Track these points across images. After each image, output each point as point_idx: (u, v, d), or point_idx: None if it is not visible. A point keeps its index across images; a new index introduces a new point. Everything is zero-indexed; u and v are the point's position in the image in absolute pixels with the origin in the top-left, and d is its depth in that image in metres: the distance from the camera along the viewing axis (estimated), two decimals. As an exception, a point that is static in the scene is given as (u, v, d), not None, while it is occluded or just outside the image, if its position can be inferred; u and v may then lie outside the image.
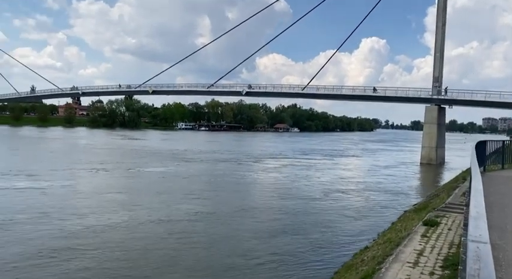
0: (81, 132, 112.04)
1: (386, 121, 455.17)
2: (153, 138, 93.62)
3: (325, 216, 20.03)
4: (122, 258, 12.88)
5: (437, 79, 57.65)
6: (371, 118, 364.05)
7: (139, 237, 15.25)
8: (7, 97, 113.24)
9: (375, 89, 65.11)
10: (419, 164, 53.78)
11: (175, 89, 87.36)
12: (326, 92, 69.16)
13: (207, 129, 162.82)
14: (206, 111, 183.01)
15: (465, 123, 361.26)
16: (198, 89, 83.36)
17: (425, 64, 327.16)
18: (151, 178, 31.22)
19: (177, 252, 13.76)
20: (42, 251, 13.11)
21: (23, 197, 21.39)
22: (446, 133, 62.59)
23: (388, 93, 63.18)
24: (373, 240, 14.46)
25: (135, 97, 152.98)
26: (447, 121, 71.33)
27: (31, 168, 32.40)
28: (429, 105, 57.63)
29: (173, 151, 56.38)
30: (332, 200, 24.20)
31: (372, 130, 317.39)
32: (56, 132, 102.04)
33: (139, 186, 27.25)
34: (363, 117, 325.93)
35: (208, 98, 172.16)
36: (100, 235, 15.18)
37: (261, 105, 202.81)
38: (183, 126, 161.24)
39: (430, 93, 57.86)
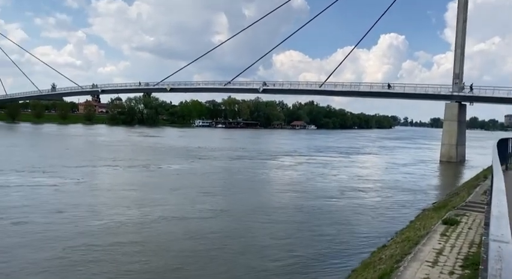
0: (101, 129, 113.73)
1: (405, 119, 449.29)
2: (170, 135, 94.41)
3: (341, 214, 19.92)
4: (136, 256, 12.92)
5: (458, 75, 56.58)
6: (389, 116, 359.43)
7: (153, 235, 15.31)
8: (29, 95, 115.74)
9: (389, 86, 64.32)
10: (438, 162, 52.97)
11: (192, 87, 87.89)
12: (344, 89, 68.57)
13: (223, 126, 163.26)
14: (223, 108, 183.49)
15: (486, 120, 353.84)
16: (215, 86, 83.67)
17: (446, 61, 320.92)
18: (167, 175, 31.45)
19: (193, 251, 13.79)
20: (57, 249, 13.16)
21: (37, 194, 21.62)
22: (466, 131, 61.50)
23: (407, 90, 62.28)
24: (391, 238, 14.33)
25: (153, 94, 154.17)
26: (468, 118, 70.05)
27: (45, 165, 32.80)
28: (449, 102, 56.62)
29: (189, 148, 56.74)
30: (349, 199, 24.02)
31: (390, 127, 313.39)
32: (76, 129, 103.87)
33: (154, 183, 27.32)
34: (381, 114, 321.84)
35: (225, 95, 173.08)
36: (113, 232, 15.28)
37: (277, 102, 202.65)
38: (200, 123, 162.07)
39: (450, 90, 56.83)
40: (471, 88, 56.24)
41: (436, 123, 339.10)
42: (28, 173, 28.27)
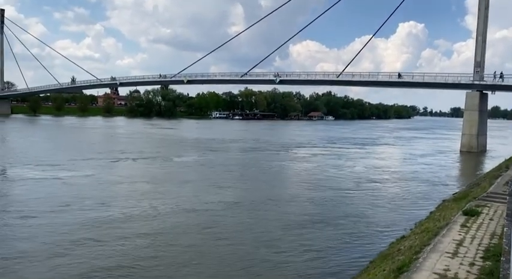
0: (119, 121, 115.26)
1: (425, 108, 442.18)
2: (186, 127, 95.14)
3: (358, 206, 19.74)
4: (147, 249, 12.89)
5: (479, 63, 55.21)
6: (408, 106, 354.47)
7: (165, 227, 15.27)
8: (49, 88, 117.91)
9: (399, 75, 63.33)
10: (459, 152, 52.08)
11: (209, 78, 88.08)
12: (362, 79, 67.71)
13: (240, 117, 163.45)
14: (240, 99, 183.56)
15: (509, 109, 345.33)
16: (231, 78, 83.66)
17: (466, 49, 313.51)
18: (177, 168, 31.23)
19: (205, 243, 13.85)
20: (65, 242, 13.27)
21: (44, 187, 21.76)
22: (488, 120, 60.17)
23: (427, 79, 61.14)
24: (410, 229, 14.19)
25: (171, 86, 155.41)
26: (489, 107, 68.41)
27: (57, 158, 33.00)
28: (470, 91, 55.41)
29: (203, 140, 56.84)
30: (365, 190, 23.78)
31: (409, 117, 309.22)
32: (94, 122, 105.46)
33: (162, 176, 26.83)
34: (399, 104, 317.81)
35: (242, 87, 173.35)
36: (123, 225, 15.28)
37: (294, 93, 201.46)
38: (217, 115, 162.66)
39: (471, 79, 55.57)
40: (501, 75, 54.47)
41: (456, 112, 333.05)
42: (38, 166, 28.30)
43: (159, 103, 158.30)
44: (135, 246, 13.10)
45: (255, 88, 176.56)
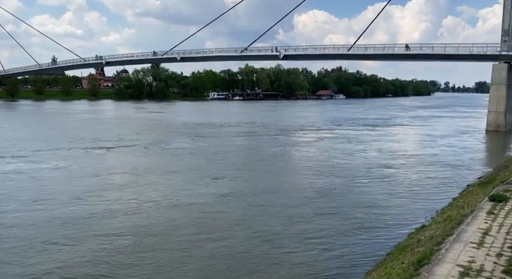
0: (105, 105, 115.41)
1: (446, 84, 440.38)
2: (179, 110, 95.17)
3: (370, 195, 19.75)
4: (125, 251, 12.65)
5: (508, 32, 54.64)
6: (428, 81, 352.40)
7: (148, 224, 15.10)
8: (28, 70, 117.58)
9: (407, 46, 62.89)
10: (484, 132, 51.98)
11: (205, 55, 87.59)
12: (375, 52, 67.22)
13: (241, 98, 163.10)
14: (240, 78, 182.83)
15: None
16: (229, 54, 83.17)
17: (493, 15, 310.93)
18: (166, 156, 31.01)
19: (193, 242, 13.84)
20: (25, 245, 13.15)
21: (4, 181, 21.52)
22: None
23: (448, 51, 60.61)
24: (431, 218, 14.26)
25: (162, 65, 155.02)
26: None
27: (23, 147, 32.57)
28: (497, 62, 54.95)
29: (193, 125, 56.42)
30: (378, 177, 23.71)
31: (429, 94, 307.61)
32: (78, 106, 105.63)
33: (148, 165, 26.51)
34: (418, 79, 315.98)
35: (242, 64, 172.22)
36: (98, 223, 15.04)
37: (300, 70, 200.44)
38: (215, 96, 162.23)
39: (499, 49, 55.04)
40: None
41: (481, 87, 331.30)
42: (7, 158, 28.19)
43: (150, 84, 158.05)
44: (111, 248, 12.82)
45: (257, 65, 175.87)
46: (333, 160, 29.61)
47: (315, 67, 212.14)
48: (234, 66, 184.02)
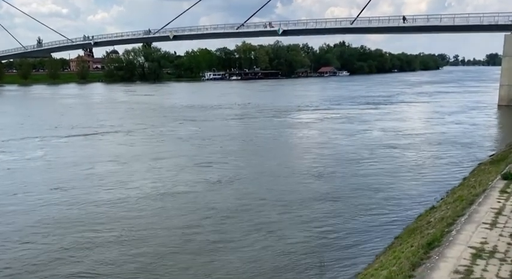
0: (93, 88, 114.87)
1: (456, 57, 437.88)
2: (171, 92, 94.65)
3: (375, 177, 19.68)
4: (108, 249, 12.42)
5: (520, 0, 54.02)
6: (436, 54, 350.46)
7: (133, 217, 15.20)
8: (12, 53, 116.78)
9: (404, 19, 62.51)
10: (496, 107, 51.81)
11: (199, 32, 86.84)
12: (380, 25, 66.63)
13: (239, 77, 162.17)
14: (237, 56, 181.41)
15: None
16: (225, 31, 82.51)
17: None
18: (155, 142, 30.15)
19: (186, 235, 13.95)
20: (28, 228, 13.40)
21: None
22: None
23: (457, 22, 60.05)
24: (441, 199, 14.33)
25: (155, 44, 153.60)
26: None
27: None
28: (510, 33, 54.50)
29: (186, 108, 55.62)
30: (383, 158, 23.59)
31: (437, 68, 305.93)
32: (64, 90, 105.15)
33: (135, 152, 26.12)
34: (425, 53, 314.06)
35: (239, 41, 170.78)
36: (77, 216, 14.97)
37: (301, 46, 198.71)
38: (211, 76, 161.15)
39: (511, 18, 54.54)
40: None
41: (493, 60, 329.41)
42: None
43: (142, 65, 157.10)
44: (91, 244, 12.66)
45: (255, 42, 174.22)
46: (334, 142, 29.34)
47: (316, 43, 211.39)
48: (231, 44, 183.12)
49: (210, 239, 12.73)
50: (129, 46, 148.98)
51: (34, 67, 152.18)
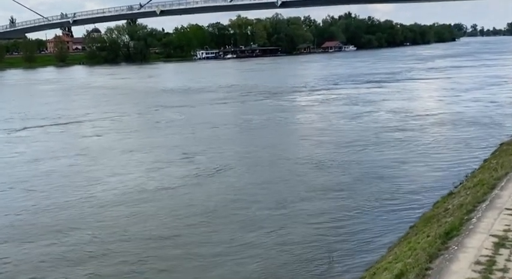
0: (74, 71, 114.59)
1: (474, 27, 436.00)
2: (153, 74, 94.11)
3: (386, 163, 19.67)
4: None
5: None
6: (452, 25, 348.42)
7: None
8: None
9: None
10: (519, 81, 51.64)
11: (189, 7, 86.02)
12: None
13: (234, 56, 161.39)
14: (232, 32, 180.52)
15: None
16: (218, 4, 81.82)
17: None
18: (128, 132, 29.83)
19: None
20: None
21: None
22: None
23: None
24: (460, 184, 14.35)
25: (140, 21, 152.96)
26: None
27: None
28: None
29: (163, 91, 55.67)
30: (393, 142, 23.52)
31: (453, 39, 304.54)
32: (40, 75, 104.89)
33: (97, 144, 26.35)
34: (440, 23, 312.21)
35: (233, 15, 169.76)
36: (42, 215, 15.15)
37: (303, 19, 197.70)
38: (204, 55, 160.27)
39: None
40: None
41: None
42: None
43: (127, 44, 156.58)
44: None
45: (251, 15, 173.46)
46: (336, 127, 29.08)
47: (320, 15, 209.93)
48: (225, 19, 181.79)
49: (214, 236, 12.87)
50: (112, 24, 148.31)
51: (7, 50, 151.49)
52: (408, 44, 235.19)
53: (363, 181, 17.11)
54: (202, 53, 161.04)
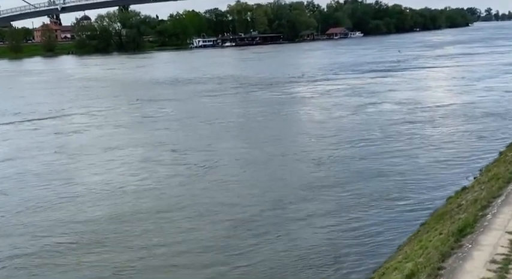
0: (62, 62, 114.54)
1: (488, 11, 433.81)
2: (150, 64, 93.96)
3: (394, 158, 19.63)
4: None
5: None
6: (465, 9, 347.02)
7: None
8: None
9: None
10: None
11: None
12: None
13: (233, 44, 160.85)
14: (230, 19, 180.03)
15: None
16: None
17: None
18: (111, 128, 29.62)
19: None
20: None
21: None
22: None
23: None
24: (474, 178, 14.35)
25: (133, 7, 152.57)
26: None
27: None
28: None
29: (147, 83, 55.70)
30: (401, 136, 23.46)
31: (466, 25, 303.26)
32: (25, 66, 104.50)
33: (66, 141, 26.34)
34: (452, 7, 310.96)
35: (232, 0, 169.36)
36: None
37: (306, 4, 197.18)
38: (201, 43, 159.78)
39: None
40: None
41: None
42: None
43: (119, 33, 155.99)
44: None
45: (251, 0, 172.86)
46: (338, 121, 28.75)
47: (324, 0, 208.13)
48: (222, 4, 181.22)
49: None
50: (103, 11, 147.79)
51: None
52: (418, 29, 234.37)
53: (370, 177, 17.15)
54: (199, 41, 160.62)
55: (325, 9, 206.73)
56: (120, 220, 14.35)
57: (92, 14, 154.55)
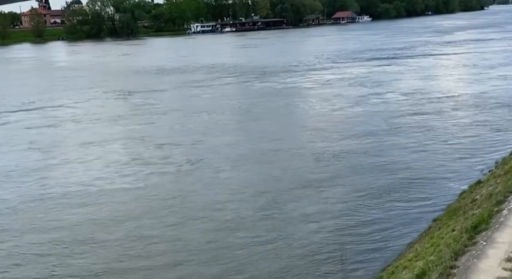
0: (50, 48, 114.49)
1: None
2: (143, 51, 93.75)
3: (404, 151, 19.65)
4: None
5: None
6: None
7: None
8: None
9: None
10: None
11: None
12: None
13: (233, 29, 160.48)
14: (230, 2, 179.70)
15: None
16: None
17: None
18: (91, 122, 29.09)
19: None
20: None
21: None
22: None
23: None
24: (489, 171, 14.35)
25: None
26: None
27: None
28: None
29: (132, 72, 55.04)
30: (410, 128, 23.40)
31: (482, 8, 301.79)
32: (10, 53, 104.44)
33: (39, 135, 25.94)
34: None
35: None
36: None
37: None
38: (199, 29, 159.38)
39: None
40: None
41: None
42: None
43: (112, 17, 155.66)
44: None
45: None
46: (343, 112, 28.64)
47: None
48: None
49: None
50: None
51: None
52: (430, 13, 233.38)
53: (379, 170, 17.14)
54: (197, 26, 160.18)
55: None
56: (96, 223, 14.21)
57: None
